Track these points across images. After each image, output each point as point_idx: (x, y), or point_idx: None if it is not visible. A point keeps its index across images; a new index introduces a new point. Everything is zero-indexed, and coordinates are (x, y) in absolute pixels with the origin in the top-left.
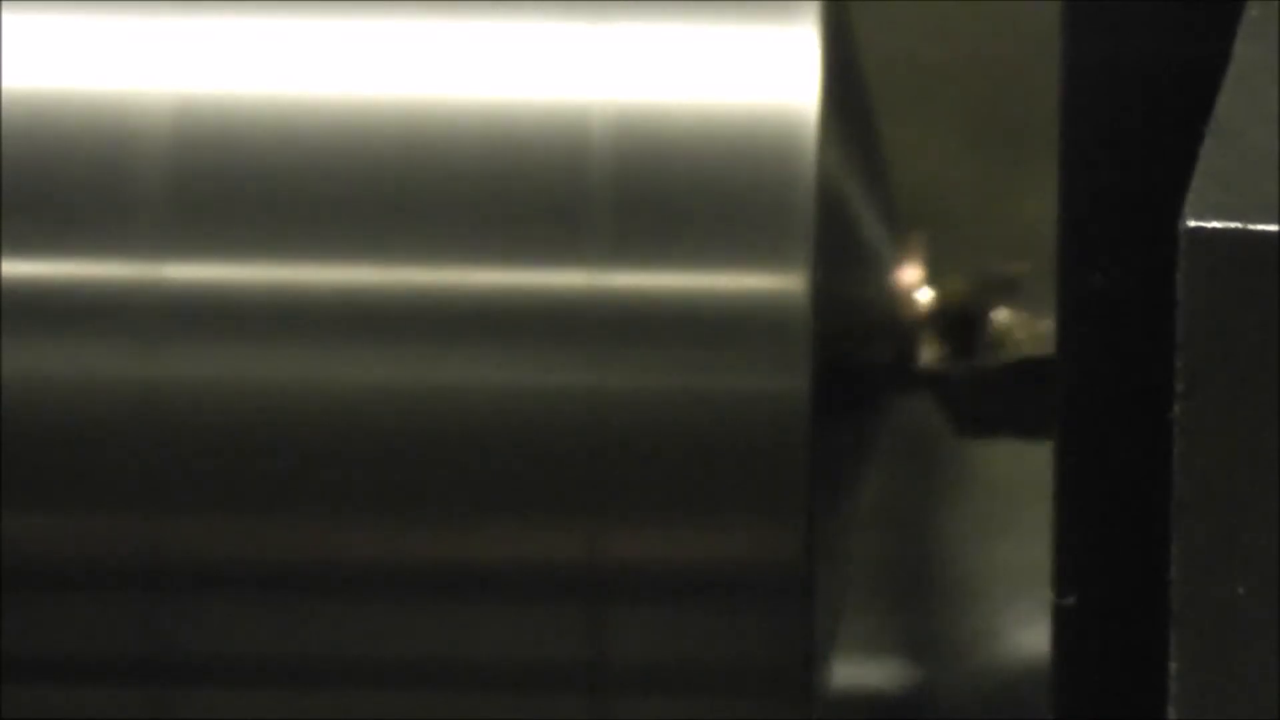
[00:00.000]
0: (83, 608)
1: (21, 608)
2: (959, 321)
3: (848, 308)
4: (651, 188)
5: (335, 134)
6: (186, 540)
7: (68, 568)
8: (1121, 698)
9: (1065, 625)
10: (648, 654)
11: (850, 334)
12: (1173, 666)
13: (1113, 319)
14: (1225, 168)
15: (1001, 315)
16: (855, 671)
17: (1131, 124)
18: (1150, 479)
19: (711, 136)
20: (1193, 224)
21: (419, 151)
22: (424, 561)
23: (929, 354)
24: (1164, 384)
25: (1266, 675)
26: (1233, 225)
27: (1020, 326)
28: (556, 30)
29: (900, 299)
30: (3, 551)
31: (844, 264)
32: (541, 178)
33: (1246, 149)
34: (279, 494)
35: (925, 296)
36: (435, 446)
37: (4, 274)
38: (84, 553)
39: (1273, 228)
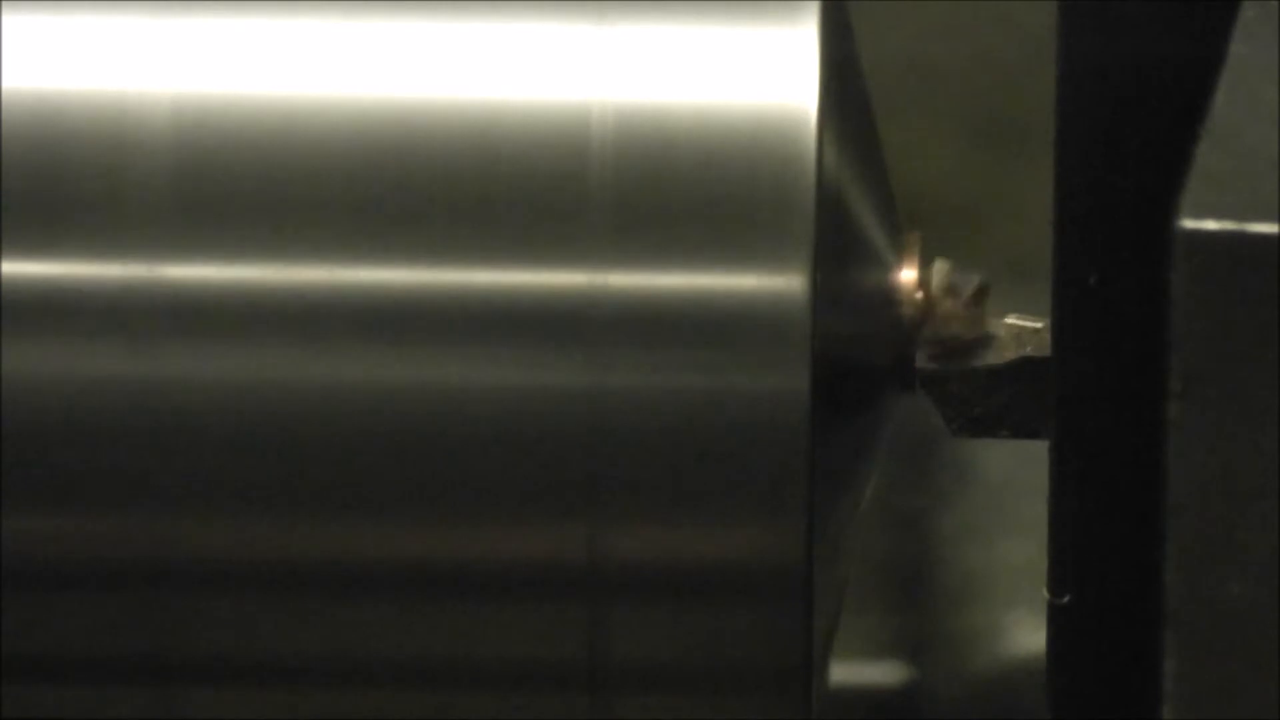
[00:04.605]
0: (82, 607)
1: (22, 607)
2: (958, 321)
3: (848, 308)
4: (651, 188)
5: (335, 134)
6: (186, 540)
7: (67, 567)
8: (1117, 697)
9: (1061, 624)
10: (648, 654)
11: (850, 334)
12: (1168, 665)
13: (1108, 318)
14: (1220, 168)
15: (999, 315)
16: (855, 671)
17: (1128, 124)
18: (1145, 478)
19: (711, 136)
20: (1187, 224)
21: (419, 152)
22: (424, 561)
23: (929, 354)
24: (1159, 383)
25: (1261, 674)
26: (1228, 225)
27: (1017, 326)
28: (557, 30)
29: (900, 299)
30: (3, 551)
31: (844, 264)
32: (542, 178)
33: (1242, 149)
34: (279, 494)
35: (925, 296)
36: (435, 446)
37: (4, 274)
38: (83, 552)
39: (1268, 228)
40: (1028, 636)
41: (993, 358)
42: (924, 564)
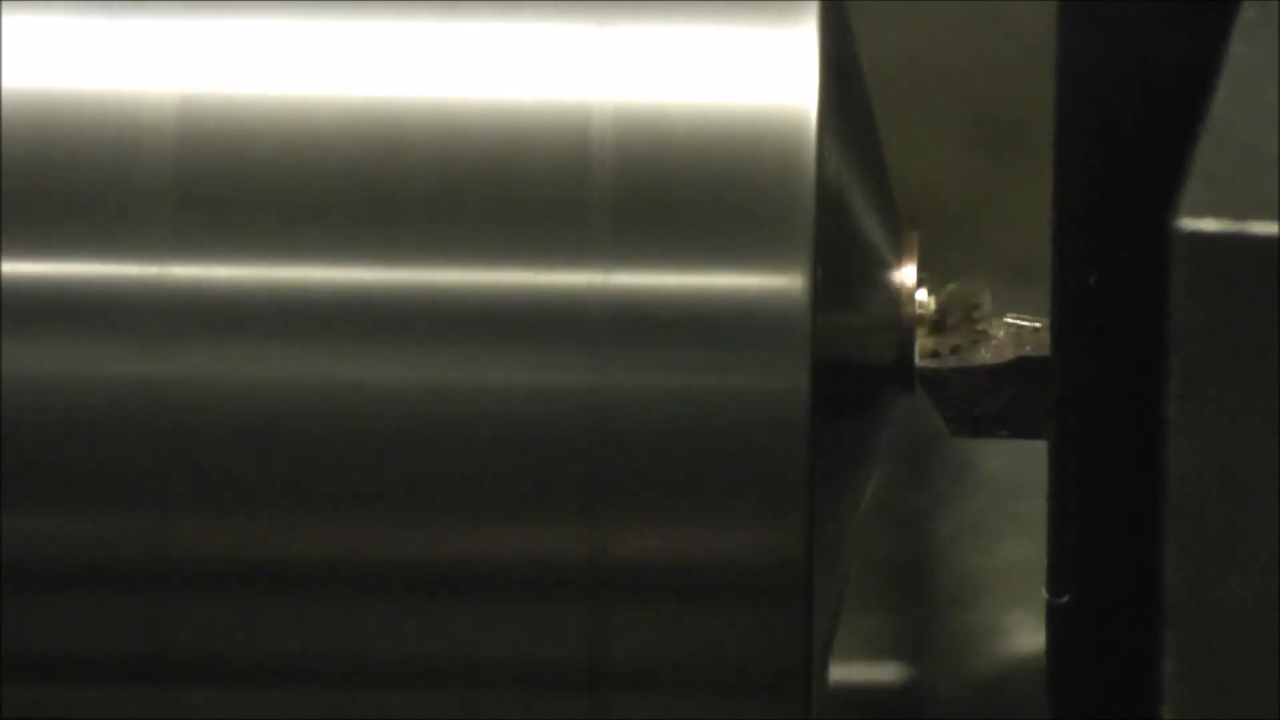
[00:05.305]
0: (83, 607)
1: (23, 607)
2: (957, 321)
3: (848, 308)
4: (652, 188)
5: (337, 134)
6: (188, 540)
7: (69, 567)
8: (1117, 696)
9: (1061, 624)
10: (648, 654)
11: (850, 334)
12: (1167, 665)
13: (1108, 318)
14: (1219, 168)
15: (997, 314)
16: (855, 671)
17: (1127, 124)
18: (1145, 478)
19: (712, 136)
20: (1187, 224)
21: (421, 152)
22: (424, 561)
23: (928, 354)
24: (1159, 383)
25: (1261, 674)
26: (1226, 225)
27: (1017, 326)
28: (557, 31)
29: (900, 299)
30: (4, 551)
31: (844, 264)
32: (542, 178)
33: (1241, 149)
34: (280, 494)
35: (925, 296)
36: (435, 446)
37: (6, 274)
38: (85, 552)
39: (1267, 228)
40: (1028, 636)
41: (993, 358)
42: (924, 564)
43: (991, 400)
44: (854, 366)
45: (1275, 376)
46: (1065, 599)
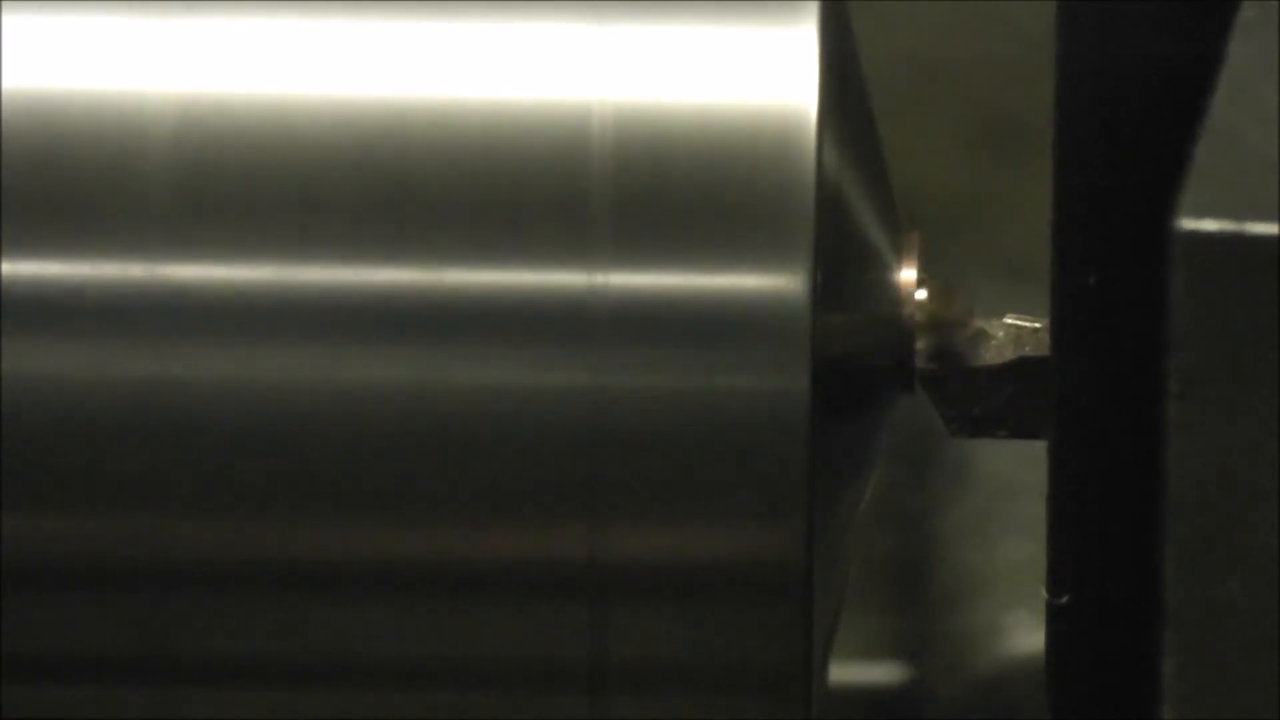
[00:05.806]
0: (83, 607)
1: (22, 607)
2: (956, 321)
3: (848, 308)
4: (651, 188)
5: (336, 134)
6: (187, 540)
7: (68, 568)
8: (1116, 697)
9: (1060, 624)
10: (648, 654)
11: (850, 334)
12: (1167, 665)
13: (1108, 318)
14: (1219, 168)
15: (998, 315)
16: (855, 671)
17: (1126, 124)
18: (1145, 478)
19: (711, 136)
20: (1186, 224)
21: (420, 152)
22: (424, 561)
23: (928, 354)
24: (1159, 383)
25: (1260, 674)
26: (1226, 225)
27: (1016, 326)
28: (557, 30)
29: (900, 299)
30: (4, 551)
31: (844, 264)
32: (542, 178)
33: (1240, 149)
34: (280, 494)
35: (925, 296)
36: (435, 446)
37: (5, 274)
38: (85, 553)
39: (1267, 228)
40: (1028, 636)
41: (992, 358)
42: (924, 564)
43: (991, 400)
44: (854, 366)
45: (1275, 376)
46: (1065, 599)
